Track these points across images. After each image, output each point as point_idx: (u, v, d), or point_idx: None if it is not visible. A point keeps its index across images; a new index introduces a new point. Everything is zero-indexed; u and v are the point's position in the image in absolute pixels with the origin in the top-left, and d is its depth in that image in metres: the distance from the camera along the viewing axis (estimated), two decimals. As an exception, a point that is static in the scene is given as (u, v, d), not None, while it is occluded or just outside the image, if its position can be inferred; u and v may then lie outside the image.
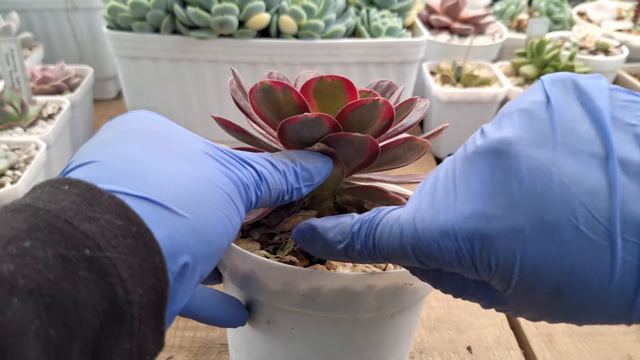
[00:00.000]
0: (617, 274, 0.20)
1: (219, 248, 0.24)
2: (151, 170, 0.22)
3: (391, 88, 0.36)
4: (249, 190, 0.26)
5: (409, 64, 0.71)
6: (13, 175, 0.54)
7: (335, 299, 0.30)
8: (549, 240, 0.21)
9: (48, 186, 0.20)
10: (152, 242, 0.20)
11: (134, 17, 0.67)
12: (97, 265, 0.18)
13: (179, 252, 0.21)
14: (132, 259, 0.19)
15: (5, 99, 0.62)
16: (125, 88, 0.73)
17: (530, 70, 0.81)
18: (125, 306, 0.19)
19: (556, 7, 1.04)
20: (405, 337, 0.36)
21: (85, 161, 0.23)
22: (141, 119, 0.26)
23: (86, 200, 0.19)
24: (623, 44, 0.93)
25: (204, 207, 0.23)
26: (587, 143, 0.21)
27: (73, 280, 0.17)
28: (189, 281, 0.22)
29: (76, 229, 0.18)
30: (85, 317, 0.18)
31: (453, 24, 0.92)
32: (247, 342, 0.36)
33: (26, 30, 0.89)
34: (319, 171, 0.30)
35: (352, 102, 0.29)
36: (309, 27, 0.66)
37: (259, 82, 0.30)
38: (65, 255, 0.18)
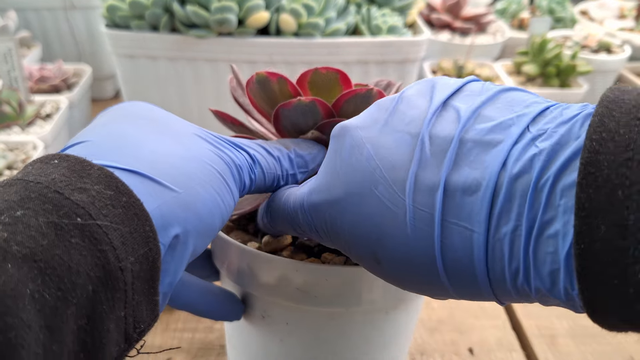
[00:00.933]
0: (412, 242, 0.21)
1: (211, 223, 0.24)
2: (141, 147, 0.23)
3: (390, 86, 0.36)
4: (242, 171, 0.26)
5: (410, 62, 0.70)
6: (11, 175, 0.54)
7: (329, 293, 0.30)
8: (358, 210, 0.23)
9: (39, 162, 0.21)
10: (142, 212, 0.20)
11: (133, 15, 0.67)
12: (89, 233, 0.19)
13: (169, 225, 0.22)
14: (123, 228, 0.20)
15: (3, 99, 0.62)
16: (124, 87, 0.72)
17: (532, 69, 0.80)
18: (118, 273, 0.19)
19: (558, 5, 1.04)
20: (401, 335, 0.36)
21: (77, 141, 0.23)
22: (134, 106, 0.26)
23: (76, 173, 0.20)
24: (625, 42, 0.92)
25: (193, 182, 0.23)
26: (410, 124, 0.23)
27: (65, 247, 0.18)
28: (181, 255, 0.23)
29: (67, 199, 0.19)
30: (78, 282, 0.18)
31: (454, 23, 0.92)
32: (244, 338, 0.36)
33: (24, 29, 0.88)
34: (314, 158, 0.31)
35: (346, 92, 0.29)
36: (309, 25, 0.66)
37: (255, 73, 0.30)
38: (57, 223, 0.18)
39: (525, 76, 0.82)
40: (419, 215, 0.21)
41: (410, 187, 0.21)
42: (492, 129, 0.21)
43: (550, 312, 0.53)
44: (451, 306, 0.53)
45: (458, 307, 0.53)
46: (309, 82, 0.31)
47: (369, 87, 0.29)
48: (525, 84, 0.81)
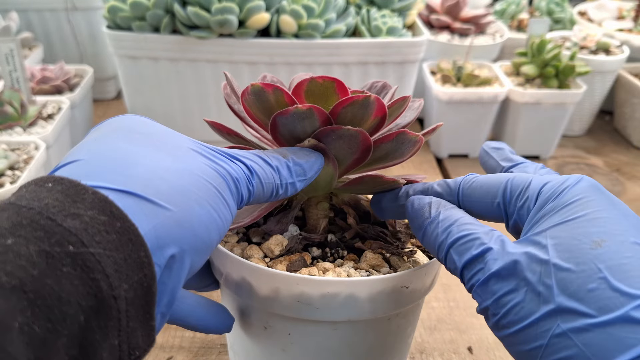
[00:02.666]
0: None
1: (208, 240, 0.24)
2: (134, 165, 0.22)
3: (385, 88, 0.36)
4: (239, 184, 0.26)
5: (410, 63, 0.70)
6: (13, 175, 0.54)
7: (330, 304, 0.30)
8: None
9: (33, 185, 0.21)
10: (136, 237, 0.20)
11: (134, 16, 0.67)
12: (81, 261, 0.18)
13: (165, 245, 0.21)
14: (117, 255, 0.19)
15: (5, 99, 0.62)
16: (125, 88, 0.72)
17: (531, 70, 0.81)
18: (111, 301, 0.19)
19: (557, 6, 1.04)
20: (404, 339, 0.36)
21: (70, 160, 0.23)
22: (126, 120, 0.26)
23: (69, 197, 0.20)
24: (624, 43, 0.92)
25: (189, 199, 0.23)
26: None
27: (56, 276, 0.18)
28: (178, 274, 0.22)
29: (59, 226, 0.18)
30: (69, 312, 0.18)
31: (453, 24, 0.92)
32: (245, 346, 0.36)
33: (26, 30, 0.89)
34: (311, 166, 0.30)
35: (343, 99, 0.29)
36: (309, 26, 0.66)
37: (250, 84, 0.30)
38: (49, 251, 0.18)
39: (524, 77, 0.82)
40: None
41: None
42: None
43: (549, 311, 0.53)
44: (450, 305, 0.53)
45: (457, 306, 0.53)
46: (305, 91, 0.30)
47: (366, 95, 0.29)
48: (524, 84, 0.82)
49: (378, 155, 0.32)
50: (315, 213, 0.35)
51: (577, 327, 0.21)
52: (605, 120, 0.98)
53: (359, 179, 0.33)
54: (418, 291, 0.32)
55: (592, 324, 0.20)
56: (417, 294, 0.32)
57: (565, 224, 0.24)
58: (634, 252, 0.22)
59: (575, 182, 0.26)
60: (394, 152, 0.32)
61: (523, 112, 0.79)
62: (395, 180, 0.32)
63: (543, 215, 0.25)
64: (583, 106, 0.88)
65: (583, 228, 0.23)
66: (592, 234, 0.23)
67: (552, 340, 0.21)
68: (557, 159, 0.85)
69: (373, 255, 0.33)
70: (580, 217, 0.24)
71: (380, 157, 0.33)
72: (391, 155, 0.33)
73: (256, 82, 0.30)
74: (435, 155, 0.84)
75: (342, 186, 0.34)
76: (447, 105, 0.79)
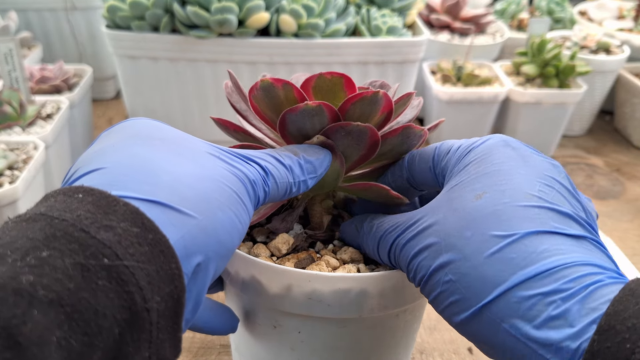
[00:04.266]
0: None
1: (230, 246, 0.24)
2: (158, 172, 0.22)
3: (384, 87, 0.36)
4: (256, 186, 0.26)
5: (410, 63, 0.70)
6: (12, 175, 0.54)
7: (341, 300, 0.30)
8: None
9: (62, 194, 0.20)
10: (168, 249, 0.20)
11: (133, 16, 0.67)
12: (116, 274, 0.18)
13: (192, 253, 0.21)
14: (150, 267, 0.19)
15: (4, 99, 0.62)
16: (125, 88, 0.72)
17: (531, 69, 0.81)
18: (144, 314, 0.19)
19: (557, 6, 1.04)
20: (411, 334, 0.36)
21: (93, 168, 0.22)
22: (142, 125, 0.26)
23: (101, 209, 0.19)
24: (624, 43, 0.92)
25: (213, 206, 0.23)
26: None
27: (92, 290, 0.18)
28: (203, 281, 0.23)
29: (93, 238, 0.18)
30: (105, 326, 0.18)
31: (454, 23, 0.92)
32: (252, 347, 0.36)
33: (25, 29, 0.88)
34: (321, 162, 0.30)
35: (352, 95, 0.29)
36: (309, 26, 0.66)
37: (259, 80, 0.30)
38: (84, 264, 0.18)
39: (525, 76, 0.82)
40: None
41: None
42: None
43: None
44: (450, 305, 0.53)
45: (457, 307, 0.53)
46: (313, 87, 0.30)
47: (375, 91, 0.29)
48: (524, 84, 0.81)
49: (384, 150, 0.32)
50: (318, 211, 0.35)
51: (459, 272, 0.24)
52: (605, 120, 0.98)
53: (366, 186, 0.33)
54: None
55: (470, 266, 0.24)
56: None
57: (460, 184, 0.27)
58: (512, 198, 0.24)
59: (483, 141, 0.28)
60: (400, 147, 0.32)
61: (523, 111, 0.79)
62: (400, 197, 0.32)
63: (451, 176, 0.28)
64: (583, 106, 0.88)
65: (470, 185, 0.26)
66: (476, 190, 0.25)
67: (444, 287, 0.25)
68: (558, 158, 0.84)
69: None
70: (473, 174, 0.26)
71: (385, 152, 0.33)
72: (396, 149, 0.33)
73: (265, 77, 0.30)
74: (435, 155, 0.84)
75: (348, 186, 0.34)
76: (447, 105, 0.78)
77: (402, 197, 0.32)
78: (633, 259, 0.58)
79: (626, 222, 0.69)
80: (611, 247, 0.59)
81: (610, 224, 0.68)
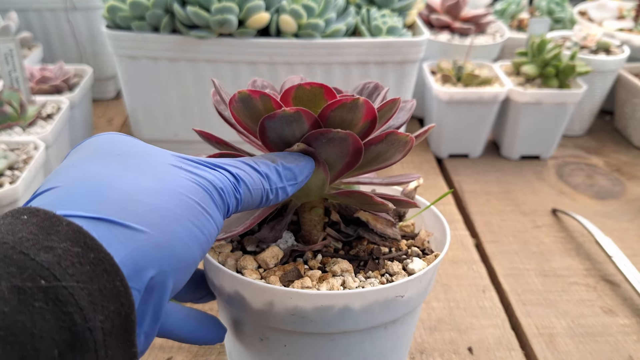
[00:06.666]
0: None
1: (190, 258, 0.23)
2: (109, 189, 0.22)
3: (377, 89, 0.35)
4: (225, 193, 0.25)
5: (410, 63, 0.70)
6: (12, 175, 0.54)
7: (324, 316, 0.30)
8: None
9: (10, 217, 0.20)
10: (111, 267, 0.20)
11: (133, 16, 0.67)
12: (53, 295, 0.18)
13: (143, 269, 0.21)
14: (91, 286, 0.19)
15: (4, 99, 0.62)
16: (125, 88, 0.72)
17: (531, 69, 0.81)
18: (86, 333, 0.19)
19: (557, 6, 1.04)
20: (401, 344, 0.36)
21: (47, 188, 0.23)
22: (104, 141, 0.26)
23: (44, 229, 0.19)
24: (624, 43, 0.92)
25: (167, 219, 0.22)
26: None
27: (29, 312, 0.17)
28: (159, 295, 0.22)
29: (32, 260, 0.18)
30: (42, 348, 0.17)
31: (454, 24, 0.92)
32: (242, 355, 0.36)
33: (25, 29, 0.88)
34: (302, 170, 0.30)
35: (332, 101, 0.29)
36: (309, 26, 0.66)
37: (237, 92, 0.30)
38: (20, 287, 0.18)
39: (524, 77, 0.82)
40: None
41: None
42: None
43: (549, 312, 0.53)
44: (450, 306, 0.53)
45: (457, 307, 0.53)
46: (293, 97, 0.30)
47: (355, 97, 0.28)
48: (524, 84, 0.81)
49: (369, 158, 0.32)
50: (309, 218, 0.35)
51: None
52: (605, 120, 0.98)
53: (348, 193, 0.32)
54: (414, 299, 0.32)
55: None
56: (413, 302, 0.32)
57: None
58: None
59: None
60: (385, 154, 0.32)
61: (523, 112, 0.79)
62: (384, 203, 0.32)
63: None
64: (583, 106, 0.88)
65: None
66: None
67: None
68: (558, 159, 0.84)
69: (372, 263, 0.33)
70: None
71: (371, 159, 0.32)
72: (382, 156, 0.32)
73: (243, 89, 0.30)
74: (435, 155, 0.84)
75: (334, 194, 0.33)
76: (447, 105, 0.78)
77: (385, 203, 0.32)
78: (633, 259, 0.58)
79: (626, 222, 0.69)
80: (611, 247, 0.59)
81: (610, 224, 0.67)
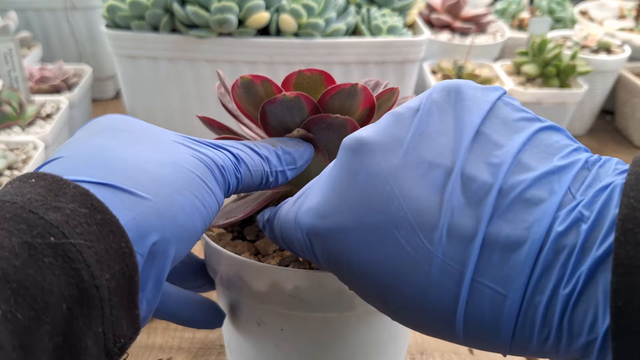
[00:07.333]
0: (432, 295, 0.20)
1: (191, 228, 0.24)
2: (114, 159, 0.23)
3: (378, 85, 0.36)
4: (225, 172, 0.26)
5: (410, 63, 0.70)
6: (11, 175, 0.54)
7: (322, 298, 0.30)
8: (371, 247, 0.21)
9: (17, 181, 0.21)
10: (117, 228, 0.20)
11: (133, 16, 0.67)
12: (62, 252, 0.19)
13: (146, 234, 0.22)
14: (98, 245, 0.20)
15: (4, 99, 0.62)
16: (124, 87, 0.72)
17: (531, 69, 0.80)
18: (93, 290, 0.19)
19: (558, 6, 1.04)
20: (399, 336, 0.36)
21: (53, 158, 0.23)
22: (109, 119, 0.26)
23: (52, 191, 0.20)
24: (625, 43, 0.92)
25: (170, 189, 0.23)
26: (439, 156, 0.21)
27: (39, 267, 0.18)
28: (161, 262, 0.23)
29: (41, 218, 0.19)
30: (51, 301, 0.18)
31: (454, 23, 0.92)
32: (240, 344, 0.36)
33: (24, 29, 0.88)
34: (301, 154, 0.30)
35: (331, 87, 0.29)
36: (309, 25, 0.66)
37: (239, 77, 0.30)
38: (31, 243, 0.18)
39: (525, 76, 0.82)
40: (446, 270, 0.19)
41: (441, 238, 0.20)
42: (533, 183, 0.19)
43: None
44: (451, 306, 0.53)
45: (458, 307, 0.53)
46: (293, 84, 0.31)
47: (353, 84, 0.29)
48: (525, 84, 0.81)
49: None
50: None
51: None
52: (606, 120, 0.98)
53: None
54: None
55: None
56: None
57: None
58: None
59: None
60: None
61: (524, 111, 0.79)
62: None
63: None
64: (584, 106, 0.88)
65: None
66: None
67: None
68: (558, 158, 0.84)
69: None
70: None
71: None
72: None
73: (245, 74, 0.30)
74: (435, 155, 0.84)
75: None
76: (448, 105, 0.78)
77: None
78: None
79: (627, 222, 0.68)
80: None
81: (611, 224, 0.67)
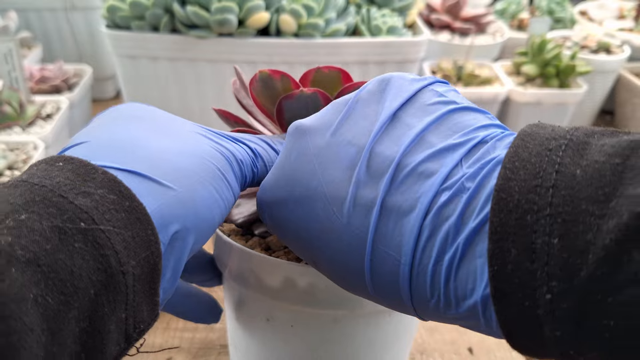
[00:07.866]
0: (346, 257, 0.23)
1: (210, 220, 0.24)
2: (140, 147, 0.23)
3: None
4: (243, 165, 0.26)
5: (410, 63, 0.70)
6: (11, 175, 0.54)
7: (334, 295, 0.30)
8: (299, 216, 0.24)
9: (43, 164, 0.21)
10: (144, 216, 0.21)
11: (133, 16, 0.67)
12: (92, 238, 0.19)
13: (169, 223, 0.22)
14: (125, 232, 0.20)
15: (4, 99, 0.62)
16: (124, 87, 0.72)
17: (531, 69, 0.81)
18: (119, 277, 0.19)
19: (557, 6, 1.04)
20: (404, 335, 0.36)
21: (76, 143, 0.23)
22: (129, 107, 0.27)
23: (80, 176, 0.20)
24: (625, 43, 0.92)
25: (192, 180, 0.23)
26: (356, 137, 0.23)
27: (69, 251, 0.18)
28: (180, 251, 0.23)
29: (71, 203, 0.19)
30: (80, 286, 0.18)
31: (454, 23, 0.92)
32: (247, 340, 0.36)
33: (25, 29, 0.88)
34: None
35: (348, 85, 0.30)
36: (309, 26, 0.66)
37: (258, 71, 0.31)
38: (61, 227, 0.18)
39: (525, 76, 0.82)
40: (354, 235, 0.22)
41: (349, 208, 0.22)
42: (428, 158, 0.21)
43: (550, 312, 0.53)
44: (451, 306, 0.53)
45: (458, 307, 0.53)
46: (311, 81, 0.31)
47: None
48: (524, 84, 0.81)
49: None
50: None
51: None
52: (606, 120, 0.98)
53: None
54: None
55: None
56: None
57: None
58: None
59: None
60: None
61: (524, 111, 0.79)
62: None
63: None
64: (584, 106, 0.88)
65: None
66: None
67: None
68: (558, 158, 0.84)
69: None
70: None
71: None
72: None
73: (264, 69, 0.31)
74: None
75: None
76: (448, 105, 0.78)
77: None
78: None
79: (627, 222, 0.69)
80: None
81: (610, 224, 0.67)
